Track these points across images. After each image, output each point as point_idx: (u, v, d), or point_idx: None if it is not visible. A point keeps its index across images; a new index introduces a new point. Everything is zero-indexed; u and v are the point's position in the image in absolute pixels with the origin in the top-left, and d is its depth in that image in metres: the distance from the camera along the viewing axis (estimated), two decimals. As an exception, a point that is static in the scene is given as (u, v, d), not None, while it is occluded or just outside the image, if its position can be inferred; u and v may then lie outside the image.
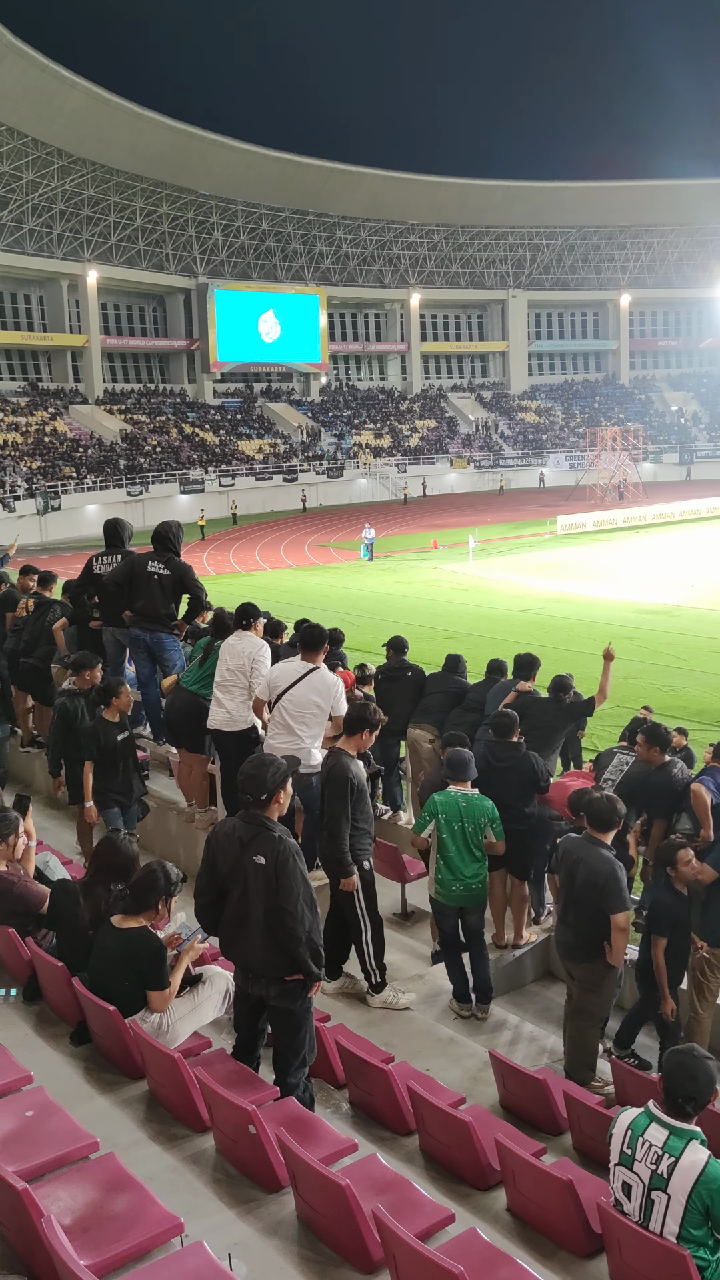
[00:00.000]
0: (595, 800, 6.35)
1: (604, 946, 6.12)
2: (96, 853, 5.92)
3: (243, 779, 5.10)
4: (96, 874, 5.75)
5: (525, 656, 9.10)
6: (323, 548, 46.51)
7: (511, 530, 49.20)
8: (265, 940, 4.94)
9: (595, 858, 6.13)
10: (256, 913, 4.94)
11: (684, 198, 77.20)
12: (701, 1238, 3.73)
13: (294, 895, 4.86)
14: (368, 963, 6.80)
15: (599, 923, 6.07)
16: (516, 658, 9.15)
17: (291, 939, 4.87)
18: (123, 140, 58.29)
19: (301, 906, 4.87)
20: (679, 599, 30.02)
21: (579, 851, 6.22)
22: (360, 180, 70.17)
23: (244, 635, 7.77)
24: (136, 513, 49.15)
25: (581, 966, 6.27)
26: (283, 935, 4.88)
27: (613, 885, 6.02)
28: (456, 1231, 4.09)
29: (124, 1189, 4.01)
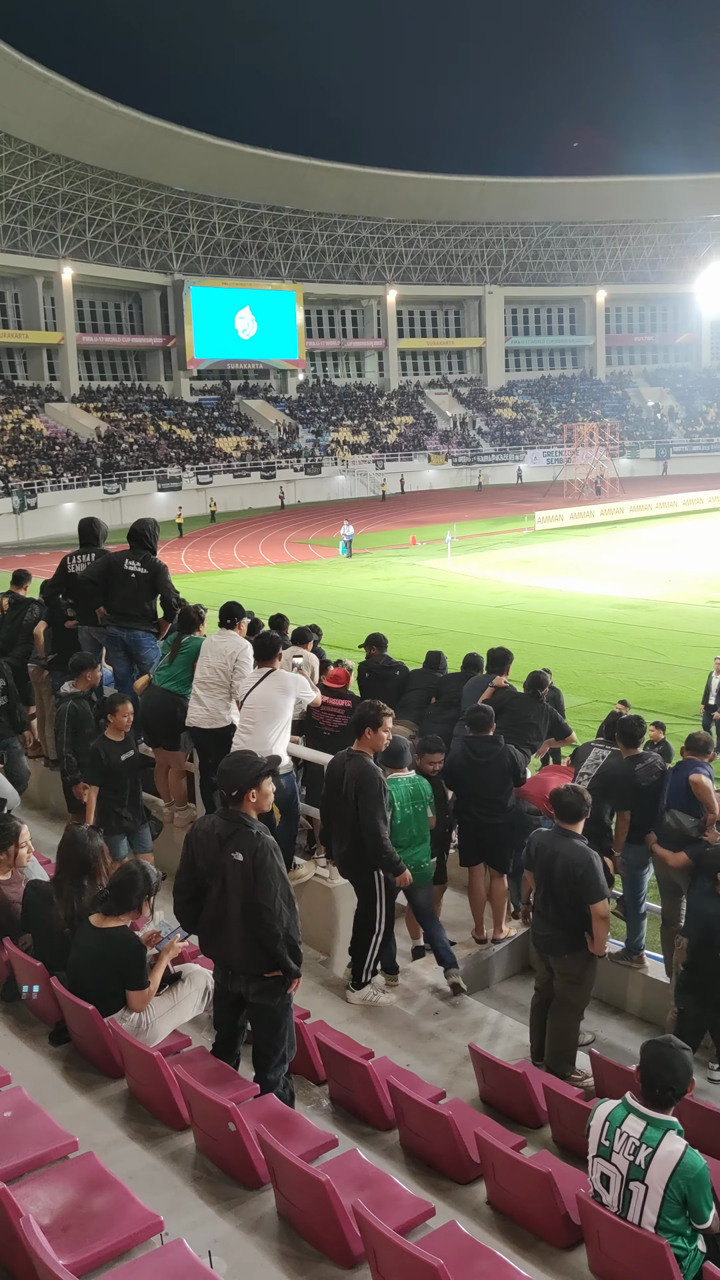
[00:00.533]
0: (561, 793, 6.41)
1: (585, 937, 6.16)
2: (60, 851, 5.90)
3: (220, 774, 5.11)
4: (63, 872, 5.73)
5: (498, 651, 9.14)
6: (301, 545, 46.48)
7: (489, 526, 49.31)
8: (244, 937, 4.95)
9: (570, 849, 6.18)
10: (235, 909, 4.94)
11: (659, 194, 77.53)
12: (679, 1227, 3.76)
13: (271, 892, 4.86)
14: (368, 963, 6.84)
15: (580, 914, 6.11)
16: (489, 652, 9.19)
17: (269, 936, 4.88)
18: (97, 136, 57.99)
19: (279, 903, 4.88)
20: (656, 594, 30.17)
21: (553, 845, 6.26)
22: (336, 176, 70.08)
23: (227, 635, 7.76)
24: (114, 511, 48.96)
25: (563, 959, 6.30)
26: (260, 932, 4.89)
27: (591, 875, 6.08)
28: (436, 1225, 4.11)
29: (103, 1188, 4.00)
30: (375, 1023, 6.65)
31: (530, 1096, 5.47)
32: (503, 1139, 4.69)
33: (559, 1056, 6.36)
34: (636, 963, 7.59)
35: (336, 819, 6.77)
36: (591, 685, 19.66)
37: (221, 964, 5.15)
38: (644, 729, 7.82)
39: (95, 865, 5.69)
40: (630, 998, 7.59)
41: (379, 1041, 6.30)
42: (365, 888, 6.77)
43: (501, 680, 8.90)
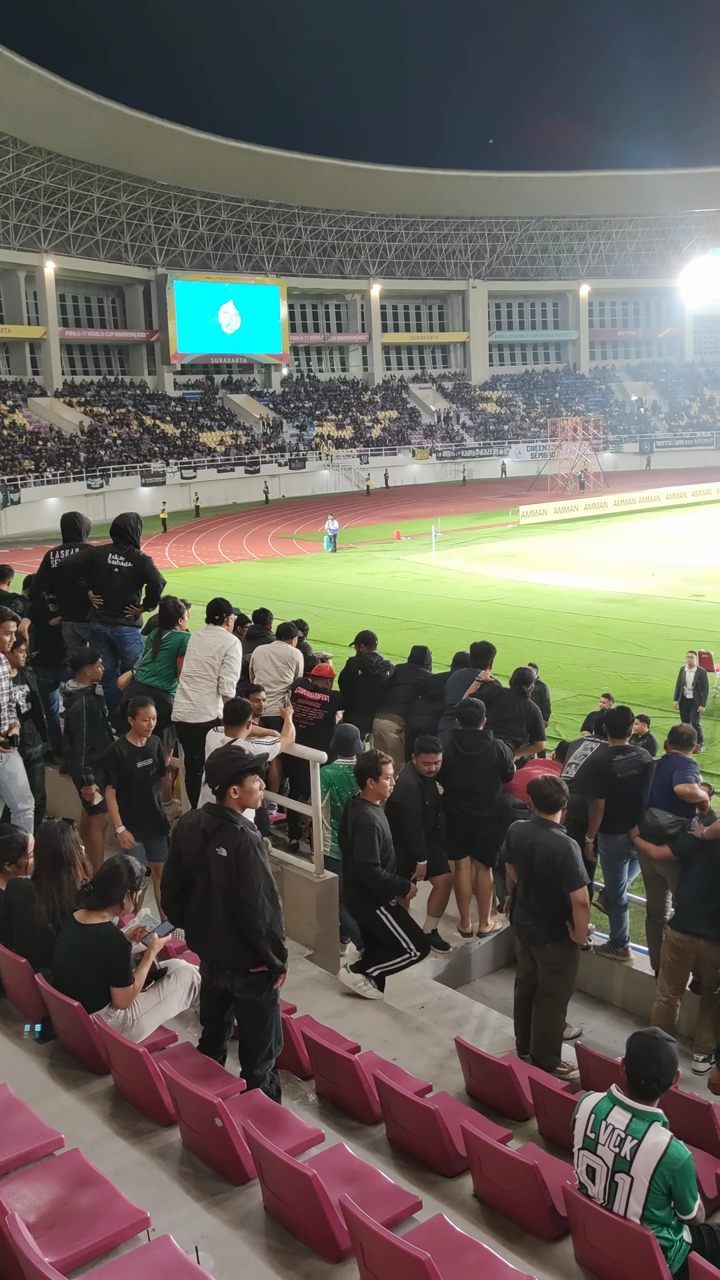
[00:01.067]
0: (539, 783, 6.44)
1: (567, 926, 6.20)
2: (35, 847, 5.88)
3: (209, 769, 5.12)
4: (40, 868, 5.71)
5: (481, 645, 9.16)
6: (286, 539, 46.42)
7: (474, 520, 49.35)
8: (228, 932, 4.94)
9: (549, 838, 6.22)
10: (219, 905, 4.94)
11: (642, 188, 77.62)
12: (665, 1218, 3.78)
13: (254, 887, 4.86)
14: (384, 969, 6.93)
15: (561, 902, 6.14)
16: (472, 646, 9.21)
17: (252, 931, 4.87)
18: (79, 129, 57.66)
19: (262, 898, 4.87)
20: (640, 587, 30.26)
21: (533, 835, 6.30)
22: (319, 170, 69.92)
23: (215, 630, 7.79)
24: (97, 506, 48.78)
25: (546, 949, 6.33)
26: (244, 927, 4.88)
27: (570, 863, 6.13)
28: (423, 1219, 4.11)
29: (89, 1185, 3.99)
30: (361, 1017, 6.65)
31: (516, 1089, 5.48)
32: (489, 1132, 4.70)
33: (544, 1048, 6.38)
34: (621, 955, 7.62)
35: (345, 859, 6.87)
36: (576, 679, 19.71)
37: (207, 959, 5.15)
38: (628, 720, 7.84)
39: (70, 859, 5.67)
40: (615, 990, 7.63)
41: (365, 1036, 6.31)
42: (375, 924, 6.84)
43: (486, 674, 8.91)
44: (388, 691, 9.77)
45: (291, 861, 7.60)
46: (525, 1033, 6.63)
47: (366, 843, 6.62)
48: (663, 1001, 6.84)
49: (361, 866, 6.63)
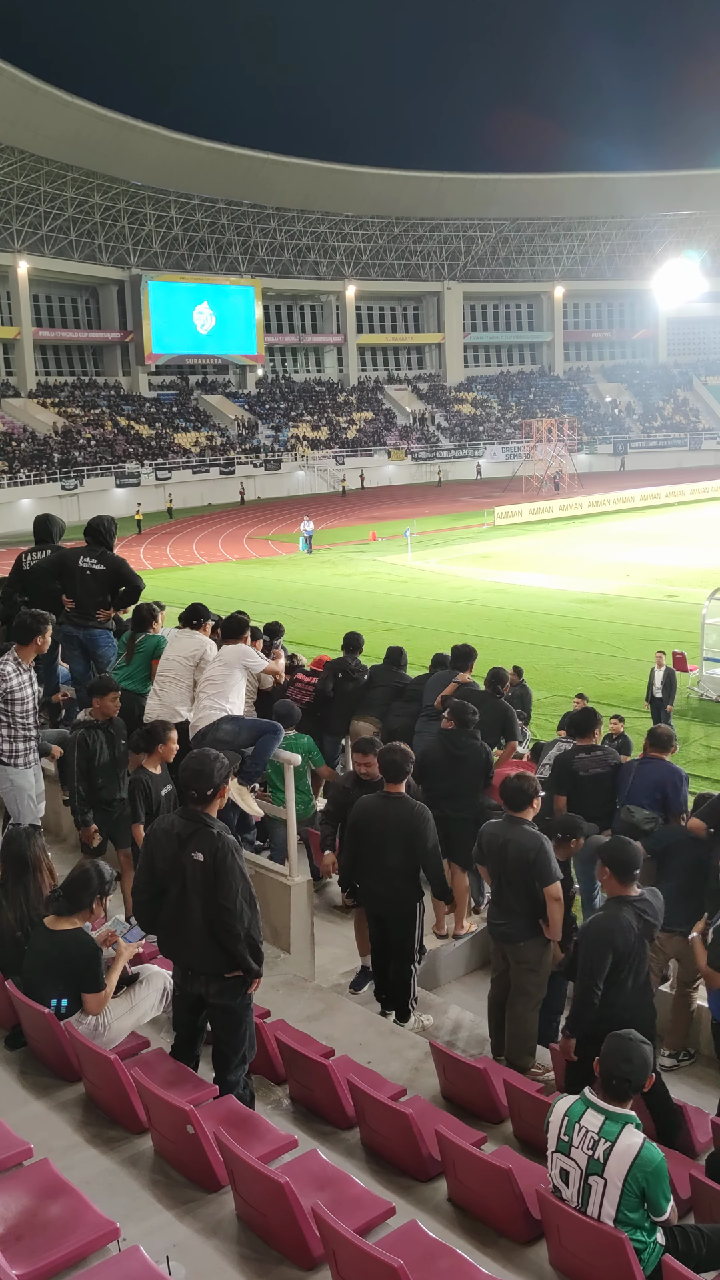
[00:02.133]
0: (507, 782, 6.44)
1: (540, 924, 6.21)
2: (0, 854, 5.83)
3: (187, 775, 5.04)
4: (6, 874, 5.66)
5: (462, 647, 9.15)
6: (261, 541, 46.34)
7: (449, 521, 49.44)
8: (204, 937, 4.90)
9: (521, 835, 6.22)
10: (195, 910, 4.89)
11: (616, 191, 78.01)
12: (638, 1220, 3.78)
13: (233, 892, 4.82)
14: (413, 992, 6.90)
15: (534, 900, 6.15)
16: (454, 649, 9.21)
17: (230, 936, 4.84)
18: (52, 128, 57.38)
19: (240, 903, 4.84)
20: (614, 588, 30.40)
21: (504, 834, 6.30)
22: (294, 171, 69.86)
23: (191, 633, 7.80)
24: (71, 507, 48.53)
25: (519, 947, 6.33)
26: (222, 932, 4.84)
27: (543, 858, 6.14)
28: (397, 1224, 4.09)
29: (59, 1195, 3.94)
30: (335, 1021, 6.61)
31: (491, 1092, 5.47)
32: (463, 1135, 4.68)
33: (518, 1048, 6.37)
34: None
35: (370, 857, 6.71)
36: (551, 679, 19.76)
37: (181, 965, 5.10)
38: (592, 721, 7.82)
39: (37, 864, 5.63)
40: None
41: (339, 1040, 6.27)
42: (404, 921, 6.76)
43: (465, 676, 8.91)
44: (365, 694, 9.75)
45: (265, 865, 7.56)
46: (500, 1035, 6.62)
47: (434, 840, 6.63)
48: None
49: (431, 853, 6.59)
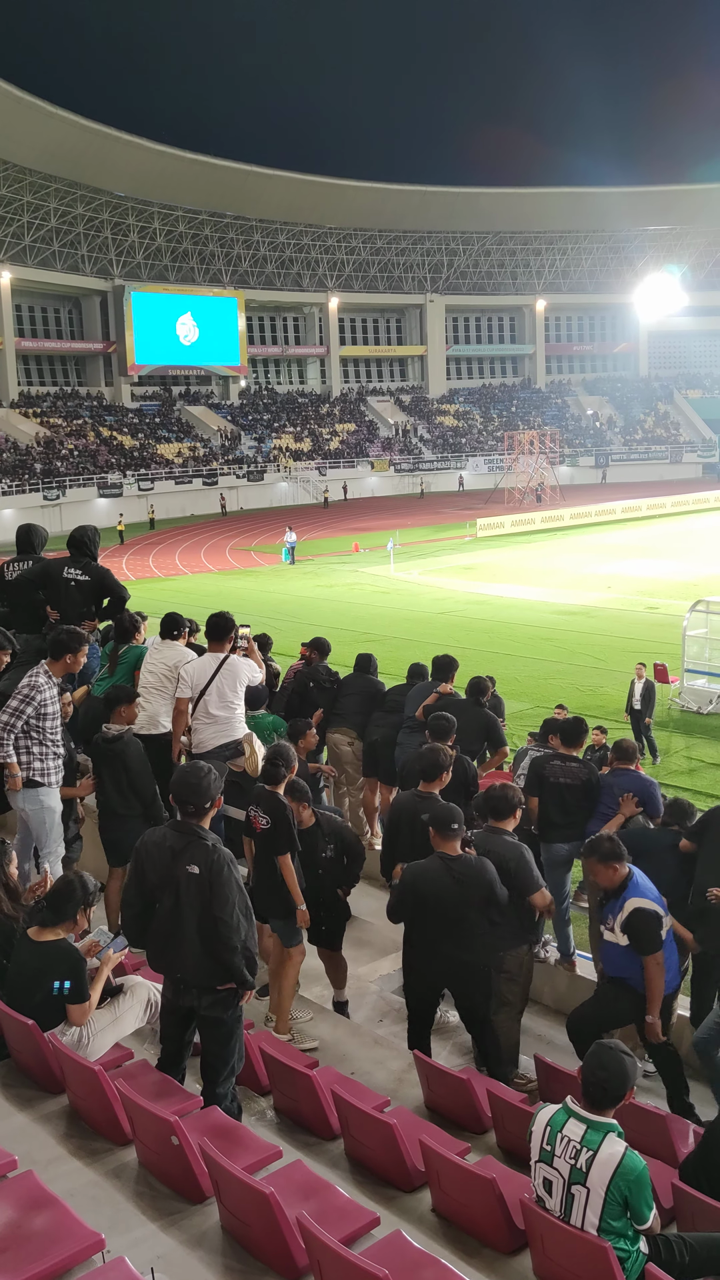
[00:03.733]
0: (487, 792, 6.47)
1: (521, 934, 6.26)
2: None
3: (182, 789, 5.04)
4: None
5: (443, 658, 9.16)
6: (244, 551, 46.34)
7: (432, 533, 49.55)
8: (198, 950, 4.89)
9: (501, 845, 6.26)
10: (190, 922, 4.88)
11: (597, 205, 78.55)
12: (621, 1229, 3.80)
13: (229, 904, 4.83)
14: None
15: (516, 909, 6.17)
16: (435, 660, 9.22)
17: (227, 948, 4.84)
18: (35, 139, 57.36)
19: (237, 915, 4.84)
20: (596, 600, 30.53)
21: (484, 844, 6.31)
22: (277, 183, 70.05)
23: (172, 645, 7.79)
24: (54, 517, 48.42)
25: (499, 957, 6.35)
26: (217, 945, 4.84)
27: (524, 868, 6.19)
28: (381, 1235, 4.10)
29: (43, 1207, 3.94)
30: (320, 1032, 6.62)
31: (474, 1102, 5.48)
32: (447, 1146, 4.69)
33: (499, 1059, 6.39)
34: (569, 966, 7.63)
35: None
36: (533, 691, 19.83)
37: (173, 978, 5.08)
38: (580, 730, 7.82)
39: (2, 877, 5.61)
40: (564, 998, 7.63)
41: (324, 1050, 6.28)
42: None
43: (446, 687, 8.93)
44: (336, 702, 9.73)
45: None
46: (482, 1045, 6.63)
47: None
48: None
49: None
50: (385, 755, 9.09)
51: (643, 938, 5.67)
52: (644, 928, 5.69)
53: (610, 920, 5.80)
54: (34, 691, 6.53)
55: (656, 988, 5.74)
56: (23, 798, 6.58)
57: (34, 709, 6.53)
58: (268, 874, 6.55)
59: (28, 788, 6.55)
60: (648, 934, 5.68)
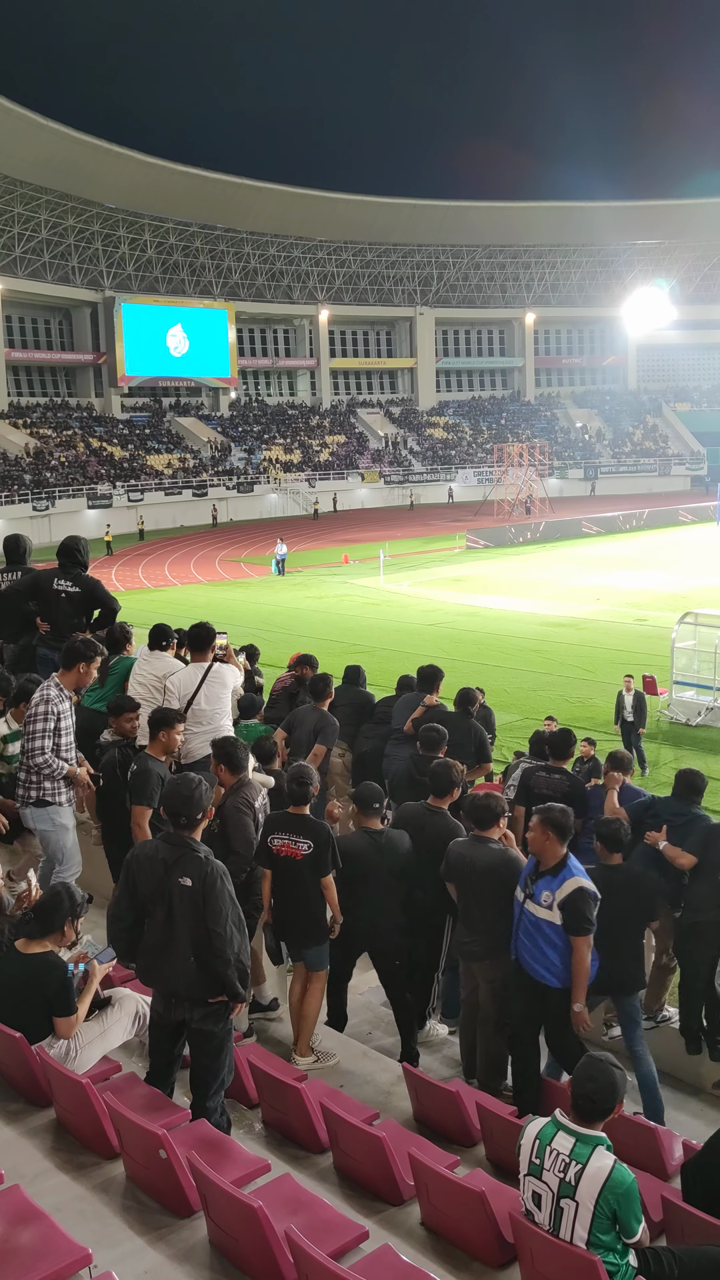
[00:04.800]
0: (473, 800, 6.48)
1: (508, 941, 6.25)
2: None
3: (173, 800, 5.03)
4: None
5: (428, 669, 9.16)
6: (233, 563, 46.32)
7: (421, 545, 49.62)
8: (191, 963, 4.87)
9: (487, 854, 6.27)
10: (182, 935, 4.87)
11: (586, 219, 79.05)
12: (610, 1242, 3.78)
13: (223, 917, 4.81)
14: (431, 1003, 7.00)
15: (504, 916, 6.18)
16: (420, 671, 9.22)
17: (220, 961, 4.82)
18: (27, 151, 57.44)
19: (230, 928, 4.83)
20: (585, 611, 30.59)
21: (471, 852, 6.32)
22: (268, 196, 70.28)
23: (160, 656, 7.80)
24: (43, 528, 48.35)
25: (485, 965, 6.35)
26: (210, 957, 4.82)
27: (513, 874, 6.18)
28: (370, 1249, 4.08)
29: (29, 1222, 3.91)
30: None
31: (463, 1115, 5.47)
32: (436, 1159, 4.68)
33: (489, 1070, 6.38)
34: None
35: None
36: (522, 702, 19.85)
37: (164, 991, 5.05)
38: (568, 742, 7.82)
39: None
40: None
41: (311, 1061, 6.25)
42: (436, 932, 6.86)
43: (432, 699, 8.93)
44: None
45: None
46: (471, 1057, 6.62)
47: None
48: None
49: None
50: (374, 767, 9.09)
51: (580, 917, 5.68)
52: (584, 907, 5.69)
53: (546, 896, 5.79)
54: (48, 706, 6.42)
55: (583, 970, 5.72)
56: (34, 817, 6.50)
57: (54, 724, 6.42)
58: (302, 901, 6.37)
59: (39, 807, 6.47)
60: (586, 914, 5.69)
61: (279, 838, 6.33)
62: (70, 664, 6.61)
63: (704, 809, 7.08)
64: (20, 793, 6.54)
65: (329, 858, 6.28)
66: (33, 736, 6.40)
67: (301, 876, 6.30)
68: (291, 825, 6.33)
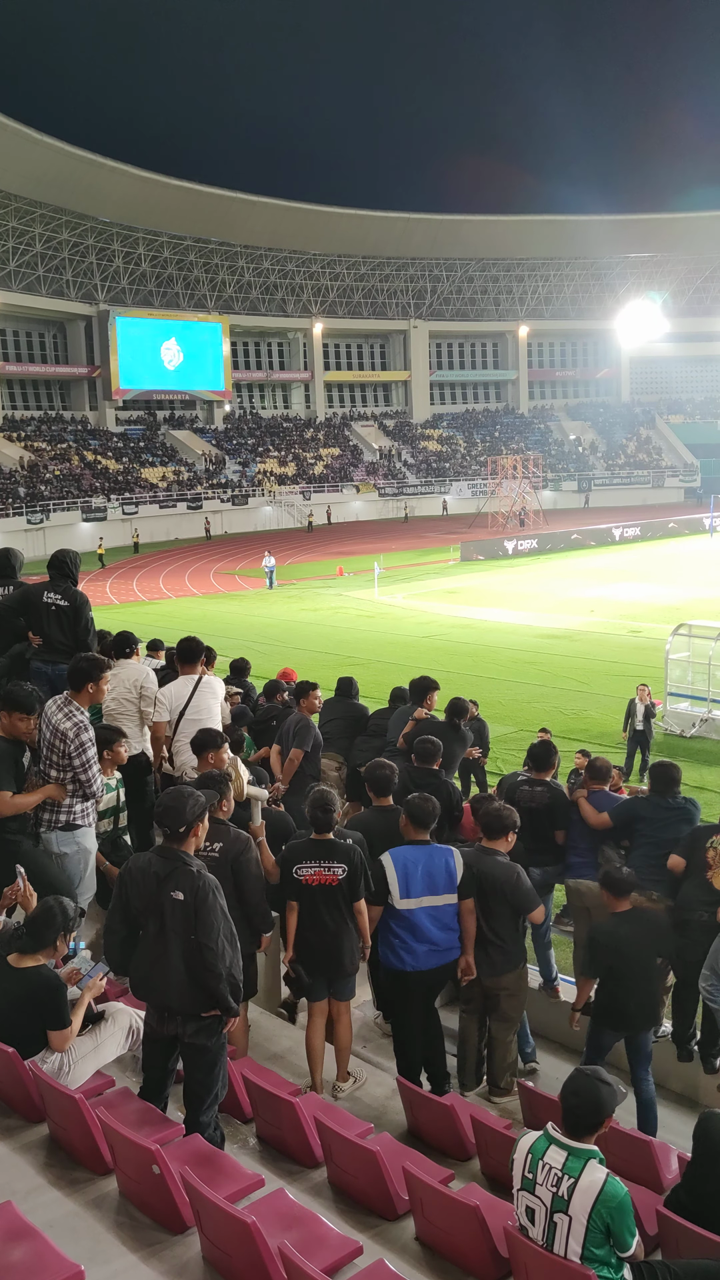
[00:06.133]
0: (487, 809, 6.49)
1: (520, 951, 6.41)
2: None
3: (160, 811, 5.02)
4: None
5: (419, 681, 9.17)
6: (228, 575, 46.34)
7: (415, 557, 49.67)
8: (183, 977, 4.86)
9: (494, 866, 6.32)
10: (175, 949, 4.85)
11: (579, 232, 79.46)
12: (604, 1256, 3.77)
13: (214, 931, 4.80)
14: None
15: (515, 927, 6.24)
16: (411, 684, 9.22)
17: (212, 975, 4.80)
18: (21, 165, 57.63)
19: (222, 942, 4.82)
20: (579, 623, 30.62)
21: (478, 864, 6.33)
22: (261, 210, 70.55)
23: (125, 664, 7.78)
24: (37, 541, 48.33)
25: (501, 977, 6.38)
26: (202, 971, 4.81)
27: (522, 885, 6.28)
28: (364, 1264, 4.06)
29: (22, 1239, 3.89)
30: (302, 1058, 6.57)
31: (458, 1129, 5.45)
32: (431, 1173, 4.67)
33: (501, 1070, 6.51)
34: (552, 993, 7.63)
35: None
36: (517, 714, 19.84)
37: (157, 1006, 5.03)
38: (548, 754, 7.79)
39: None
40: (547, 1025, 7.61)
41: (307, 1077, 6.24)
42: None
43: (423, 711, 8.93)
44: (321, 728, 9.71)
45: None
46: (468, 1072, 6.62)
47: None
48: None
49: None
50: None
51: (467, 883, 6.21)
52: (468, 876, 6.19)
53: None
54: (90, 733, 6.28)
55: (470, 930, 6.29)
56: (60, 841, 6.39)
57: (94, 751, 6.29)
58: (340, 930, 6.22)
59: (65, 830, 6.36)
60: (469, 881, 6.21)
61: (307, 867, 6.17)
62: (80, 684, 6.49)
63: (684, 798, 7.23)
64: (47, 817, 6.45)
65: (363, 881, 6.18)
66: (87, 766, 6.25)
67: (336, 903, 6.17)
68: (320, 852, 6.19)
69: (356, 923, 6.22)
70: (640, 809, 7.15)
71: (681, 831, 6.88)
